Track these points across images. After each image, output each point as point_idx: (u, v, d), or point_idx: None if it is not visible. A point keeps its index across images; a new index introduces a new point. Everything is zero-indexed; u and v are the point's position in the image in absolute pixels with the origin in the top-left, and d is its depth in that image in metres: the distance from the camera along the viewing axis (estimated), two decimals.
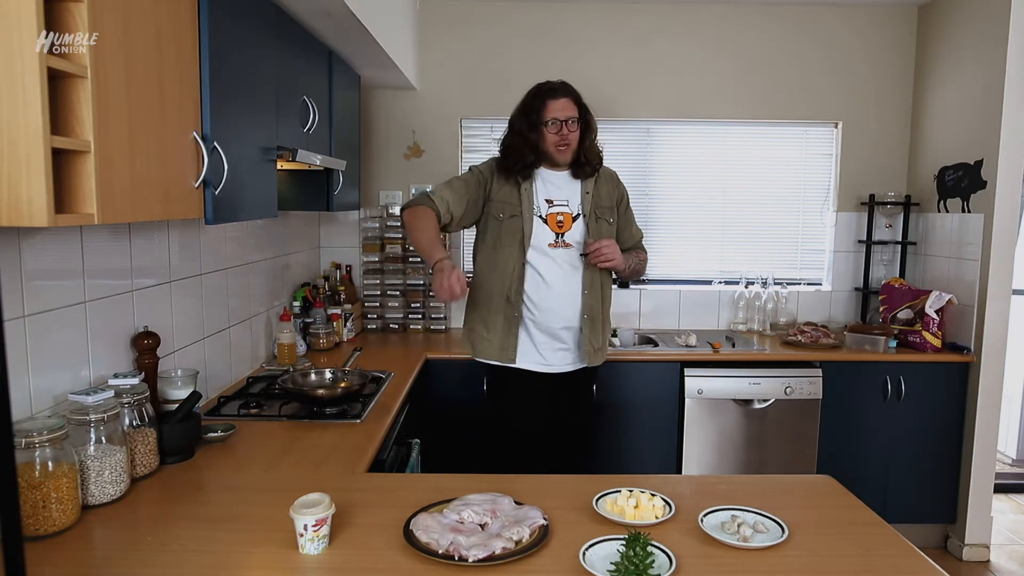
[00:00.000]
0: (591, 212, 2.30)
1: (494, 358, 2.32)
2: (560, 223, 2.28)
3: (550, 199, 2.29)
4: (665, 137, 3.59)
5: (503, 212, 2.27)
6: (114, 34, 1.16)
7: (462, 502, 1.32)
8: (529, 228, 2.25)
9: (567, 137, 2.22)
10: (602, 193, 2.34)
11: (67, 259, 1.54)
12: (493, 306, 2.30)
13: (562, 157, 2.25)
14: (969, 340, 3.06)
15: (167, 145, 1.37)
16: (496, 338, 2.31)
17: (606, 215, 2.33)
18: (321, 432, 1.89)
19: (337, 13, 2.14)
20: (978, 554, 3.10)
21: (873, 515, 1.38)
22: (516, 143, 2.26)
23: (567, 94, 2.24)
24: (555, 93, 2.23)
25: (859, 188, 3.57)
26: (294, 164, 2.26)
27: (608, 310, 2.41)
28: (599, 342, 2.37)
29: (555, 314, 2.27)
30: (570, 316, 2.28)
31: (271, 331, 2.77)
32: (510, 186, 2.29)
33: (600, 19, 3.45)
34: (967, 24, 3.13)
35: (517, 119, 2.28)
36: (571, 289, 2.27)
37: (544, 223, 2.27)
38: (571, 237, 2.27)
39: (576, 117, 2.23)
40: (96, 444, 1.36)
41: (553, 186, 2.30)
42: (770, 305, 3.50)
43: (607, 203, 2.35)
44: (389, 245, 3.46)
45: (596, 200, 2.32)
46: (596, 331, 2.34)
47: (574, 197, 2.30)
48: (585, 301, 2.29)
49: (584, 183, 2.31)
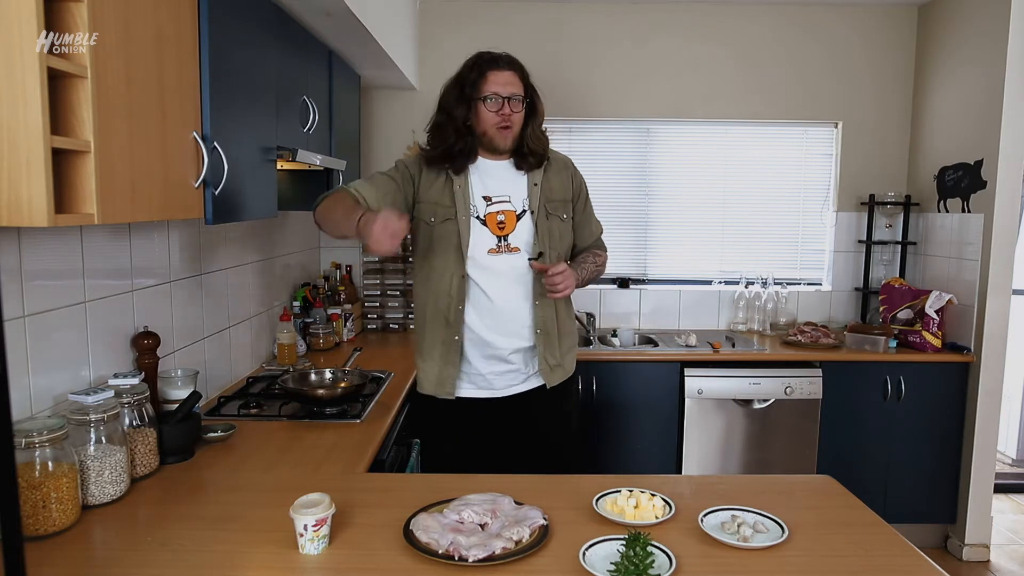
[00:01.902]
0: (540, 208, 1.90)
1: (431, 391, 1.96)
2: (501, 224, 1.88)
3: (488, 195, 1.89)
4: (665, 137, 3.59)
5: (434, 216, 1.89)
6: (114, 34, 1.16)
7: (462, 502, 1.32)
8: (466, 233, 1.86)
9: (509, 118, 1.82)
10: (553, 185, 1.94)
11: (67, 259, 1.54)
12: (428, 330, 1.94)
13: (502, 141, 1.85)
14: (969, 340, 3.06)
15: (167, 145, 1.37)
16: (433, 368, 1.94)
17: (559, 211, 1.94)
18: (321, 432, 1.89)
19: (337, 13, 2.14)
20: (978, 554, 3.10)
21: (873, 515, 1.38)
22: (443, 124, 1.87)
23: (512, 67, 1.85)
24: (497, 64, 1.83)
25: (859, 188, 3.57)
26: (294, 164, 2.25)
27: (568, 316, 2.03)
28: (556, 357, 1.97)
29: (501, 334, 1.90)
30: (520, 334, 1.91)
31: (271, 331, 2.77)
32: (440, 183, 1.89)
33: (600, 19, 3.45)
34: (967, 24, 3.13)
35: (448, 94, 1.88)
36: (518, 302, 1.90)
37: (483, 225, 1.88)
38: (516, 239, 1.88)
39: (521, 95, 1.84)
40: (96, 444, 1.36)
41: (492, 179, 1.90)
42: (770, 305, 3.50)
43: (560, 196, 1.95)
44: None
45: (546, 193, 1.92)
46: (553, 345, 1.96)
47: (518, 191, 1.91)
48: (537, 315, 1.91)
49: (531, 174, 1.92)
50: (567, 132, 3.55)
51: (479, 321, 1.90)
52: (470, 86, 1.83)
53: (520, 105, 1.85)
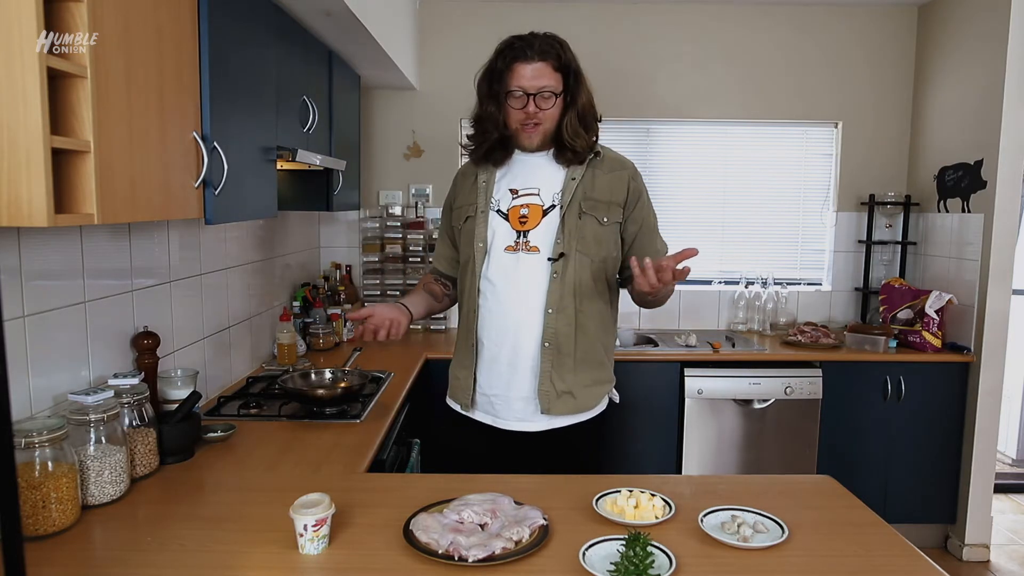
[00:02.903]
0: (573, 203, 1.68)
1: (457, 402, 1.82)
2: (523, 219, 1.69)
3: (515, 188, 1.71)
4: (665, 137, 3.59)
5: (461, 218, 1.78)
6: (114, 34, 1.16)
7: (462, 502, 1.32)
8: (483, 228, 1.71)
9: (535, 115, 1.64)
10: (599, 183, 1.72)
11: (67, 259, 1.54)
12: (460, 335, 1.81)
13: (527, 140, 1.69)
14: (969, 340, 3.06)
15: (167, 145, 1.37)
16: (462, 377, 1.79)
17: (598, 212, 1.70)
18: (321, 432, 1.89)
19: (337, 13, 2.14)
20: (978, 554, 3.10)
21: (873, 515, 1.38)
22: (480, 119, 1.73)
23: (544, 56, 1.63)
24: (525, 54, 1.63)
25: (859, 188, 3.57)
26: (294, 164, 2.25)
27: (597, 342, 1.75)
28: (566, 383, 1.70)
29: (502, 344, 1.71)
30: (521, 346, 1.69)
31: (271, 331, 2.77)
32: (470, 182, 1.78)
33: (600, 19, 3.45)
34: (967, 24, 3.13)
35: (480, 85, 1.73)
36: (527, 307, 1.69)
37: (505, 219, 1.70)
38: (537, 237, 1.68)
39: (553, 88, 1.64)
40: (96, 444, 1.36)
41: (526, 170, 1.73)
42: (770, 305, 3.50)
43: (604, 197, 1.71)
44: (389, 245, 3.46)
45: (586, 190, 1.70)
46: (563, 366, 1.70)
47: (551, 184, 1.71)
48: (548, 324, 1.67)
49: (571, 168, 1.71)
50: None
51: (488, 327, 1.73)
52: (496, 78, 1.66)
53: (552, 100, 1.64)
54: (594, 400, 1.78)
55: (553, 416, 1.72)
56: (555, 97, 1.65)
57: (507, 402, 1.74)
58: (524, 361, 1.71)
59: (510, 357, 1.71)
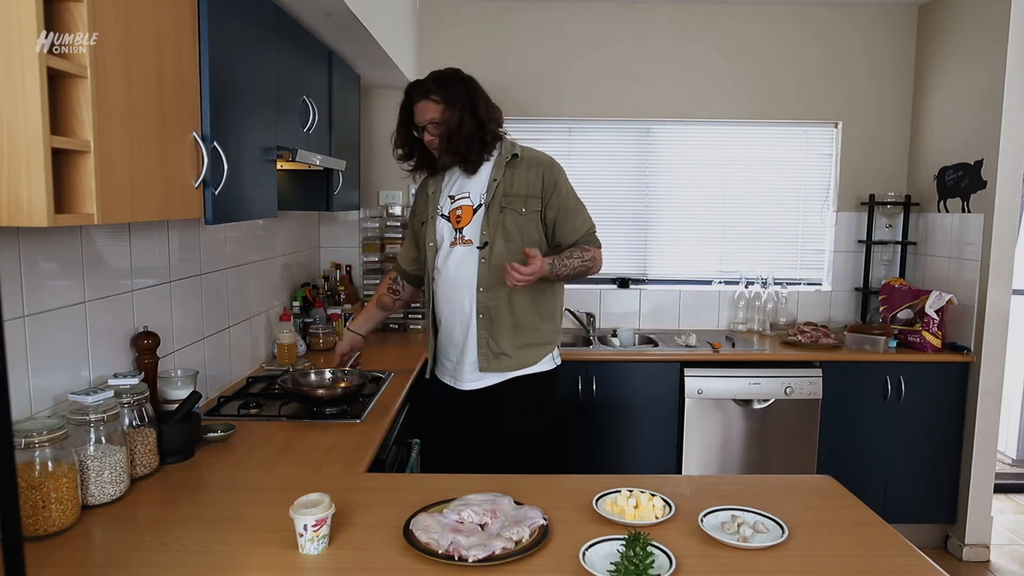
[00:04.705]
0: (495, 200, 2.06)
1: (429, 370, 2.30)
2: (458, 218, 2.11)
3: (453, 194, 2.13)
4: (665, 137, 3.59)
5: (419, 223, 2.23)
6: (114, 34, 1.16)
7: (462, 502, 1.32)
8: (433, 230, 2.14)
9: (431, 142, 2.08)
10: (516, 180, 2.08)
11: (67, 259, 1.54)
12: (428, 317, 2.26)
13: (440, 161, 2.11)
14: (969, 340, 3.06)
15: (167, 145, 1.37)
16: (430, 349, 2.27)
17: (516, 204, 2.06)
18: (321, 432, 1.89)
19: (337, 13, 2.14)
20: (978, 554, 3.10)
21: (873, 515, 1.38)
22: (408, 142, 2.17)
23: (425, 95, 2.04)
24: (412, 97, 2.07)
25: (859, 188, 3.57)
26: (294, 164, 2.25)
27: (531, 311, 2.13)
28: (501, 346, 2.10)
29: (453, 320, 2.14)
30: (465, 320, 2.11)
31: (271, 331, 2.77)
32: (426, 194, 2.21)
33: (600, 19, 3.45)
34: (967, 24, 3.13)
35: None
36: (466, 289, 2.09)
37: (447, 221, 2.12)
38: (469, 231, 2.09)
39: (436, 119, 2.03)
40: (96, 444, 1.36)
41: (462, 179, 2.13)
42: (770, 305, 3.50)
43: (521, 191, 2.07)
44: (389, 245, 3.46)
45: (505, 188, 2.07)
46: (498, 332, 2.09)
47: (478, 187, 2.10)
48: (480, 300, 2.08)
49: (494, 169, 2.09)
50: (567, 132, 3.55)
51: (442, 308, 2.16)
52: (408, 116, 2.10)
53: (438, 128, 2.04)
54: (531, 359, 2.14)
55: (493, 373, 2.12)
56: (439, 126, 2.04)
57: (461, 366, 2.16)
58: (469, 332, 2.11)
59: (460, 330, 2.13)
